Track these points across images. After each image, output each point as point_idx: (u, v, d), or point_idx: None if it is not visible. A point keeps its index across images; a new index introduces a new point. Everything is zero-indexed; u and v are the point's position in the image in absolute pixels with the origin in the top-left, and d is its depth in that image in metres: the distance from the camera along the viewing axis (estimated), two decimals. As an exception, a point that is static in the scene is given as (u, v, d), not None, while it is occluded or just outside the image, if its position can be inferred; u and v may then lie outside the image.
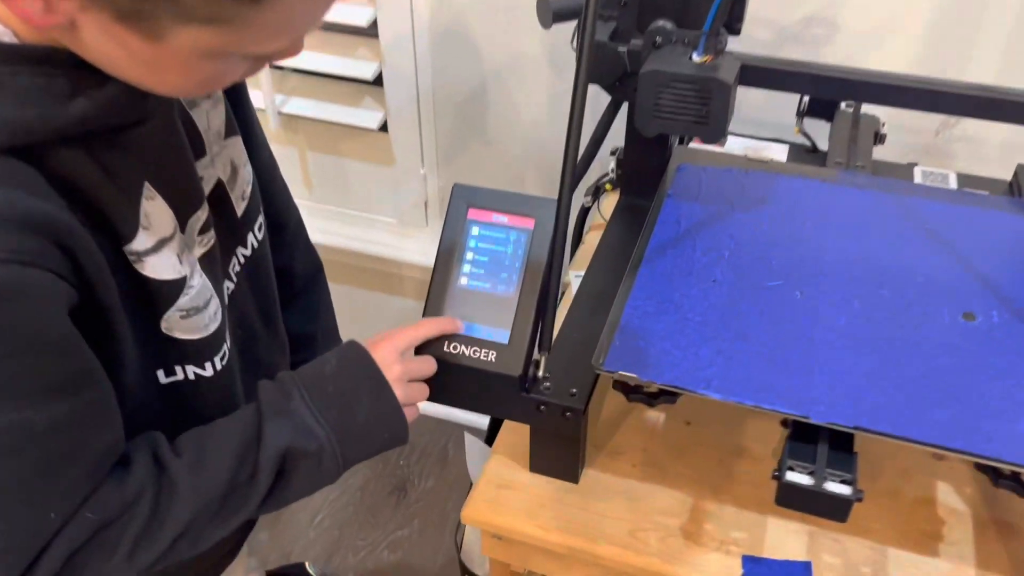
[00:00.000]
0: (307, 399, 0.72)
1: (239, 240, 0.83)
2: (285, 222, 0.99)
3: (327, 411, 0.73)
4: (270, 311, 0.92)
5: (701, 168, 1.02)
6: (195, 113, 0.74)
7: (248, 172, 0.83)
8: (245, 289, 0.86)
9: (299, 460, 0.71)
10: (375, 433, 0.76)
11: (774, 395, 0.75)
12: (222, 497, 0.68)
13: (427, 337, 0.80)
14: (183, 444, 0.70)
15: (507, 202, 0.85)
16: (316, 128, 1.68)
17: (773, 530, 0.85)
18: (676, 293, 0.85)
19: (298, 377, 0.74)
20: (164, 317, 0.71)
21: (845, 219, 0.94)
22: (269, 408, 0.72)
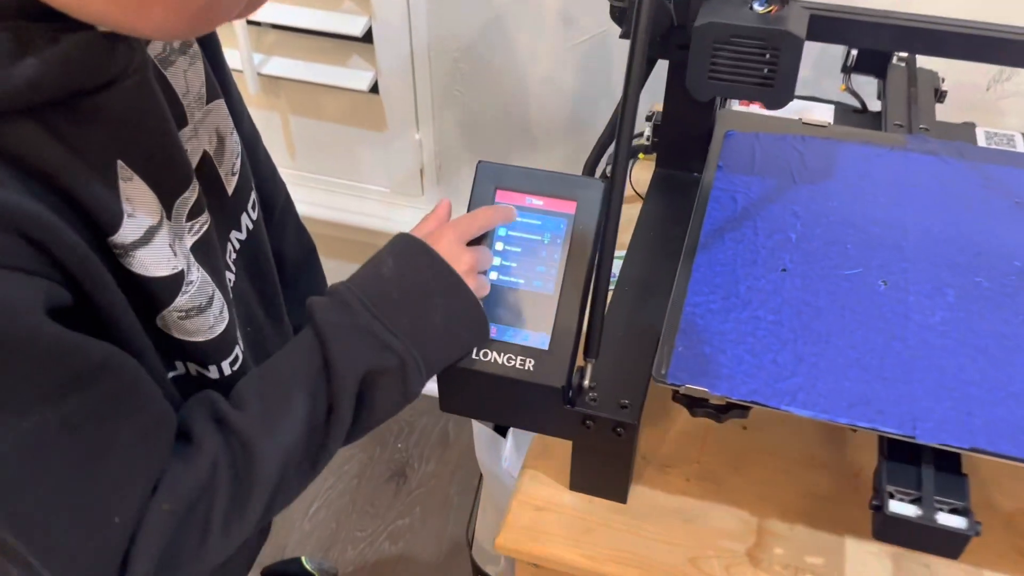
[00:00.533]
0: (372, 309, 0.62)
1: (232, 223, 0.71)
2: (272, 201, 0.86)
3: (398, 319, 0.63)
4: (273, 301, 0.81)
5: (752, 135, 0.89)
6: (170, 74, 0.61)
7: (236, 142, 0.71)
8: (244, 279, 0.74)
9: (379, 380, 0.63)
10: (456, 334, 0.67)
11: (872, 411, 0.64)
12: (304, 442, 0.61)
13: (486, 228, 0.71)
14: (243, 395, 0.61)
15: (542, 182, 0.72)
16: (299, 90, 1.53)
17: (853, 553, 0.75)
18: (741, 286, 0.73)
19: (354, 286, 0.64)
20: (160, 317, 0.60)
21: (922, 192, 0.82)
22: (330, 328, 0.62)
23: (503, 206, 0.72)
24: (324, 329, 0.61)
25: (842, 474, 0.80)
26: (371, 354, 0.62)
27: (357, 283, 0.64)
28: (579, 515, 0.77)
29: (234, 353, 0.66)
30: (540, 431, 0.75)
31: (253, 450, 0.58)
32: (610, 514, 0.77)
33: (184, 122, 0.62)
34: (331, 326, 0.62)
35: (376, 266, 0.65)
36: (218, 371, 0.65)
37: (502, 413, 0.74)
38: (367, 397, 0.63)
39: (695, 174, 0.94)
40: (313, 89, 1.52)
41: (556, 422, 0.72)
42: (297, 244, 0.92)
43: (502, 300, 0.71)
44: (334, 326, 0.62)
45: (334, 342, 0.61)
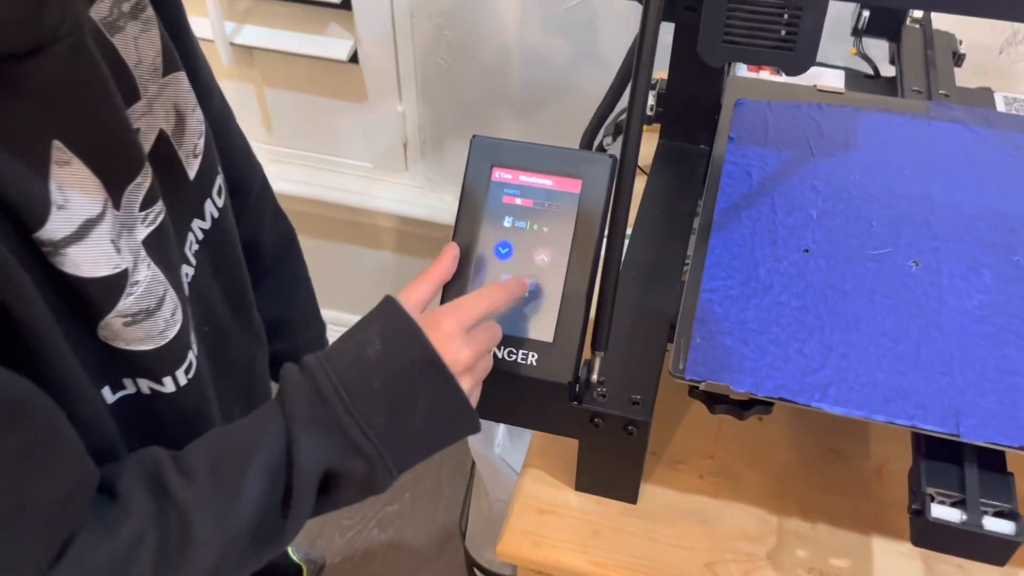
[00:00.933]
0: (348, 403, 0.54)
1: (194, 211, 0.64)
2: (246, 185, 0.79)
3: (374, 416, 0.55)
4: (241, 297, 0.73)
5: (764, 103, 0.83)
6: (119, 41, 0.53)
7: (199, 120, 0.63)
8: (207, 273, 0.67)
9: (342, 480, 0.56)
10: (436, 435, 0.58)
11: (911, 406, 0.58)
12: (254, 528, 0.53)
13: (493, 311, 0.60)
14: (192, 462, 0.53)
15: (544, 159, 0.66)
16: (275, 60, 1.45)
17: (881, 554, 0.69)
18: (761, 268, 0.67)
19: (331, 367, 0.55)
20: (101, 325, 0.52)
21: (949, 163, 0.76)
22: (299, 417, 0.54)
23: (514, 281, 0.63)
24: (292, 417, 0.54)
25: (865, 467, 0.75)
26: (338, 454, 0.54)
27: (335, 362, 0.55)
28: (586, 518, 0.72)
29: (187, 360, 0.59)
30: (544, 430, 0.69)
31: (192, 528, 0.50)
32: (619, 516, 0.72)
33: (135, 96, 0.55)
34: (300, 416, 0.54)
35: (361, 345, 0.56)
36: (173, 383, 0.58)
37: (502, 412, 0.68)
38: (328, 493, 0.56)
39: (702, 146, 0.88)
40: (289, 59, 1.44)
41: (562, 420, 0.67)
42: (275, 231, 0.85)
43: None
44: (304, 417, 0.54)
45: (300, 434, 0.53)
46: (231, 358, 0.72)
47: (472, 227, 0.66)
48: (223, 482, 0.52)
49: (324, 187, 1.58)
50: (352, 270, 1.76)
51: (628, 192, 0.59)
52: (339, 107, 1.49)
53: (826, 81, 0.99)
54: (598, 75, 1.32)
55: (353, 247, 1.72)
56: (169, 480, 0.51)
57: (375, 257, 1.72)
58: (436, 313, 0.59)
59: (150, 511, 0.50)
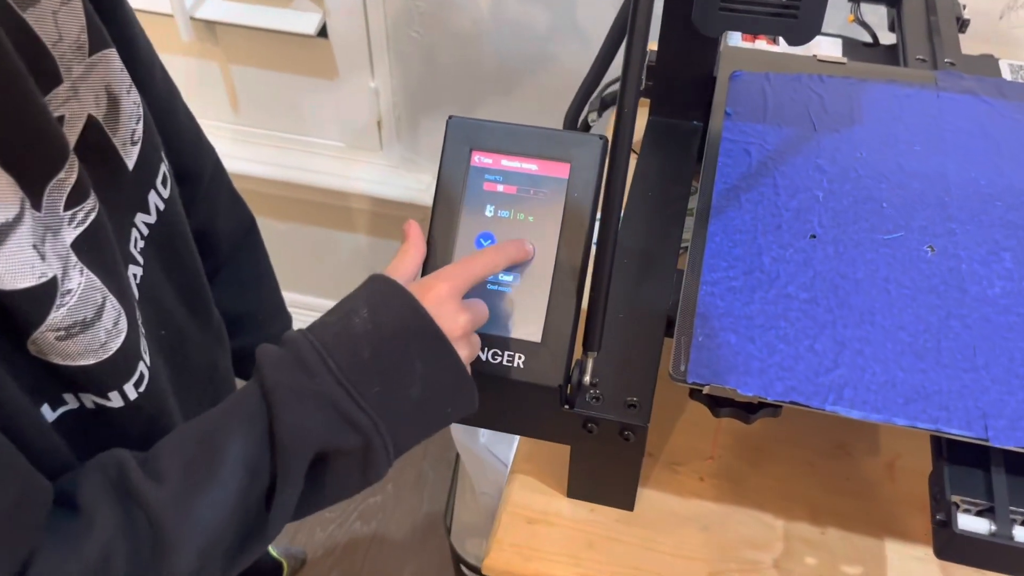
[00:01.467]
0: (336, 372, 0.49)
1: (136, 204, 0.58)
2: (197, 169, 0.73)
3: (368, 387, 0.49)
4: (197, 295, 0.67)
5: (762, 76, 0.77)
6: (32, 16, 0.47)
7: (135, 102, 0.56)
8: (157, 272, 0.61)
9: (335, 462, 0.50)
10: (435, 411, 0.53)
11: (934, 407, 0.53)
12: (235, 525, 0.48)
13: (488, 275, 0.57)
14: (161, 461, 0.48)
15: (528, 141, 0.60)
16: (240, 36, 1.38)
17: (895, 558, 0.65)
18: (765, 257, 0.62)
19: (316, 337, 0.50)
20: (31, 340, 0.46)
21: (962, 137, 0.71)
22: (281, 391, 0.48)
23: (512, 244, 0.57)
24: (274, 392, 0.48)
25: (875, 464, 0.70)
26: (329, 430, 0.48)
27: (321, 334, 0.50)
28: (579, 527, 0.67)
29: (138, 372, 0.53)
30: (533, 436, 0.64)
31: (166, 534, 0.45)
32: (615, 524, 0.67)
33: (56, 80, 0.48)
34: (283, 390, 0.48)
35: (346, 315, 0.51)
36: (121, 397, 0.52)
37: (487, 418, 0.63)
38: (318, 480, 0.50)
39: (695, 122, 0.82)
40: (254, 34, 1.36)
41: (552, 426, 0.61)
42: (232, 219, 0.78)
43: (486, 286, 0.59)
44: (286, 390, 0.48)
45: (284, 411, 0.48)
46: (192, 361, 0.66)
47: (450, 217, 0.60)
48: (197, 479, 0.47)
49: (294, 168, 1.51)
50: (326, 254, 1.69)
51: (622, 177, 0.53)
52: (308, 84, 1.42)
53: (823, 50, 0.93)
54: (580, 45, 1.26)
55: (326, 230, 1.65)
56: (136, 484, 0.46)
57: (350, 240, 1.65)
58: (427, 278, 0.54)
59: (116, 520, 0.45)
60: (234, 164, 1.47)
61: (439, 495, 1.59)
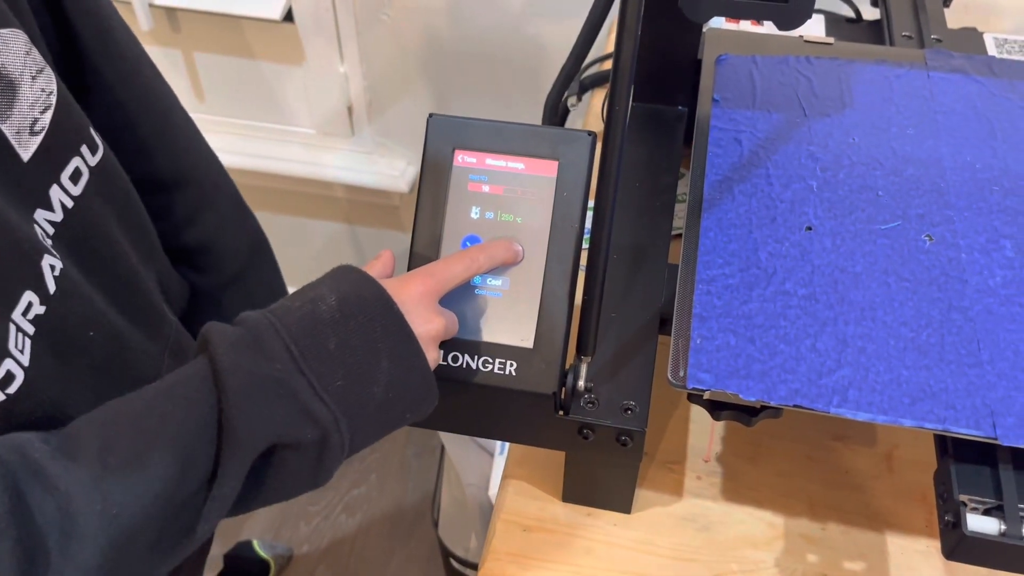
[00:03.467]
0: (301, 360, 0.46)
1: (36, 200, 0.51)
2: (195, 176, 0.69)
3: (331, 379, 0.46)
4: (134, 302, 0.60)
5: (749, 59, 0.75)
6: None
7: (43, 89, 0.51)
8: (74, 272, 0.54)
9: (287, 457, 0.47)
10: (395, 412, 0.50)
11: (941, 406, 0.52)
12: (157, 522, 0.43)
13: (474, 275, 0.55)
14: (78, 438, 0.43)
15: (513, 139, 0.57)
16: (202, 22, 1.33)
17: (897, 553, 0.64)
18: (761, 252, 0.60)
19: (278, 320, 0.47)
20: None
21: (956, 119, 0.69)
22: (237, 375, 0.44)
23: (498, 244, 0.55)
24: (229, 375, 0.44)
25: (874, 455, 0.69)
26: (287, 422, 0.45)
27: (284, 317, 0.47)
28: (576, 533, 0.65)
29: (3, 368, 0.47)
30: (527, 443, 0.62)
31: (73, 520, 0.41)
32: (613, 528, 0.65)
33: None
34: (241, 373, 0.44)
35: (312, 302, 0.48)
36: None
37: (479, 425, 0.61)
38: (264, 475, 0.47)
39: (680, 108, 0.80)
40: (218, 20, 1.32)
41: (547, 433, 0.59)
42: (240, 233, 0.74)
43: (474, 292, 0.57)
44: (245, 374, 0.44)
45: (240, 396, 0.44)
46: (135, 372, 0.59)
47: (434, 220, 0.58)
48: (119, 463, 0.42)
49: (264, 157, 1.47)
50: (300, 244, 1.66)
51: (615, 174, 0.51)
52: (276, 71, 1.38)
53: (806, 29, 0.91)
54: (556, 25, 1.23)
55: (299, 219, 1.62)
56: (42, 464, 0.41)
57: (325, 229, 1.62)
58: (404, 275, 0.52)
59: (3, 506, 0.40)
60: (202, 155, 1.43)
61: (424, 484, 1.58)
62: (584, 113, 0.99)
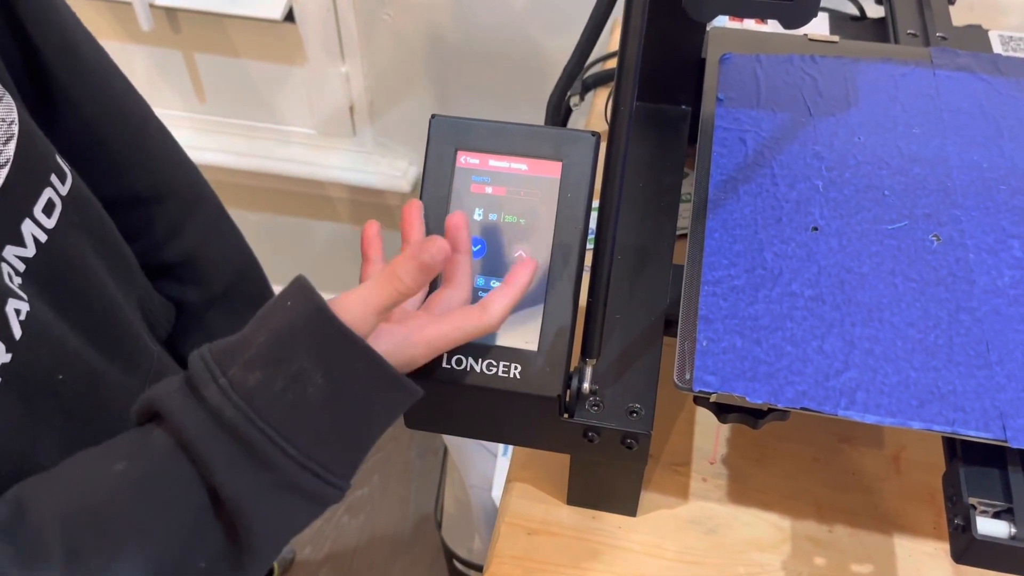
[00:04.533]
0: (298, 456, 0.43)
1: (3, 236, 0.49)
2: (175, 189, 0.67)
3: (329, 458, 0.44)
4: (111, 334, 0.58)
5: (753, 58, 0.74)
6: None
7: (4, 116, 0.49)
8: (46, 311, 0.51)
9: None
10: (375, 424, 0.47)
11: (950, 408, 0.51)
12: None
13: (403, 297, 0.47)
14: (43, 539, 0.40)
15: (516, 139, 0.57)
16: (203, 23, 1.33)
17: (904, 555, 0.64)
18: (767, 253, 0.60)
19: (258, 415, 0.42)
20: None
21: (962, 118, 0.69)
22: (248, 496, 0.42)
23: (416, 253, 0.46)
24: (238, 501, 0.42)
25: (881, 456, 0.69)
26: (305, 517, 0.45)
27: (265, 409, 0.42)
28: (581, 536, 0.65)
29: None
30: (531, 446, 0.61)
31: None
32: (618, 531, 0.65)
33: None
34: (248, 495, 0.42)
35: (295, 380, 0.43)
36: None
37: (483, 429, 0.60)
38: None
39: (683, 107, 0.79)
40: (218, 21, 1.31)
41: (551, 436, 0.59)
42: (228, 249, 0.72)
43: (476, 294, 0.56)
44: (251, 494, 0.42)
45: (257, 520, 0.42)
46: (109, 409, 0.56)
47: (437, 222, 0.57)
48: (86, 571, 0.40)
49: (266, 158, 1.47)
50: (302, 244, 1.65)
51: (620, 174, 0.51)
52: (277, 71, 1.38)
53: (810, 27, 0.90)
54: (558, 25, 1.22)
55: (301, 220, 1.61)
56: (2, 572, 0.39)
57: (327, 229, 1.61)
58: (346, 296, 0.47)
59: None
60: (203, 155, 1.43)
61: (427, 485, 1.57)
62: (587, 113, 0.98)
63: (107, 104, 0.60)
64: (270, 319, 0.44)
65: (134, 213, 0.65)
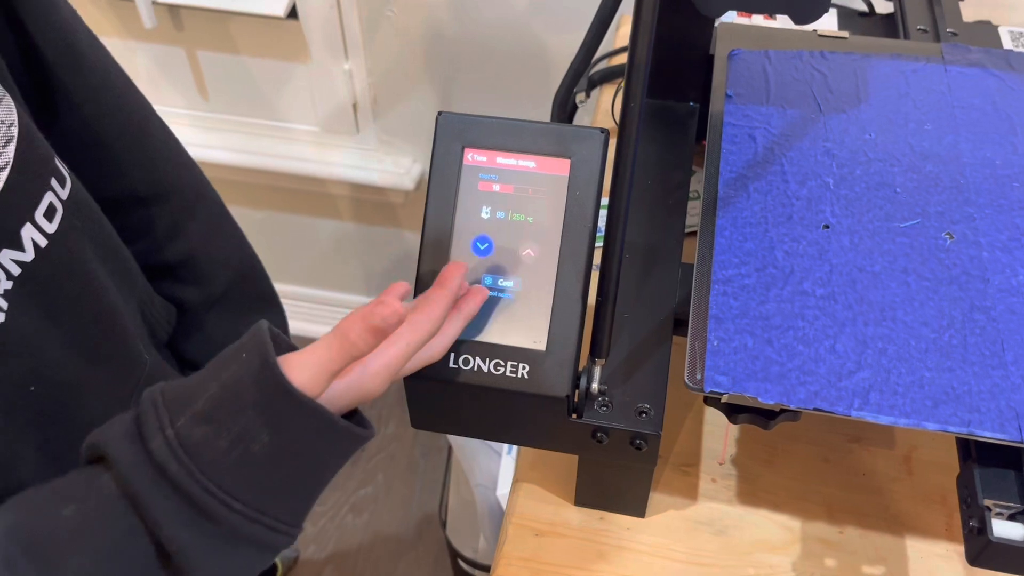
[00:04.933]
0: (246, 511, 0.42)
1: (2, 240, 0.48)
2: (177, 186, 0.66)
3: (277, 508, 0.44)
4: (104, 335, 0.56)
5: (762, 54, 0.74)
6: None
7: (3, 118, 0.48)
8: (34, 319, 0.51)
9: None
10: (325, 473, 0.46)
11: (965, 409, 0.50)
12: None
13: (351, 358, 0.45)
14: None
15: (523, 136, 0.56)
16: (206, 20, 1.32)
17: (916, 557, 0.63)
18: (778, 251, 0.59)
19: (208, 476, 0.42)
20: None
21: (974, 115, 0.68)
22: (196, 551, 0.42)
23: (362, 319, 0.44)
24: (184, 555, 0.42)
25: (892, 457, 0.68)
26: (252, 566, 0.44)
27: (213, 469, 0.42)
28: (589, 537, 0.64)
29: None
30: (539, 447, 0.60)
31: None
32: (626, 533, 0.64)
33: None
34: (195, 550, 0.42)
35: (238, 439, 0.42)
36: None
37: (490, 430, 0.60)
38: None
39: (691, 104, 0.78)
40: (221, 18, 1.31)
41: (560, 437, 0.58)
42: (230, 248, 0.71)
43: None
44: (199, 549, 0.42)
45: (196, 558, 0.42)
46: (92, 419, 0.53)
47: (444, 220, 0.57)
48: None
49: (269, 155, 1.46)
50: (306, 243, 1.65)
51: (630, 171, 0.50)
52: (280, 68, 1.37)
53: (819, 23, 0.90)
54: (563, 21, 1.22)
55: (305, 218, 1.60)
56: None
57: (331, 227, 1.61)
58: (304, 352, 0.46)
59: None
60: (206, 153, 1.42)
61: (432, 484, 1.57)
62: (593, 110, 0.97)
63: (108, 103, 0.59)
64: (224, 369, 0.43)
65: (135, 213, 0.64)
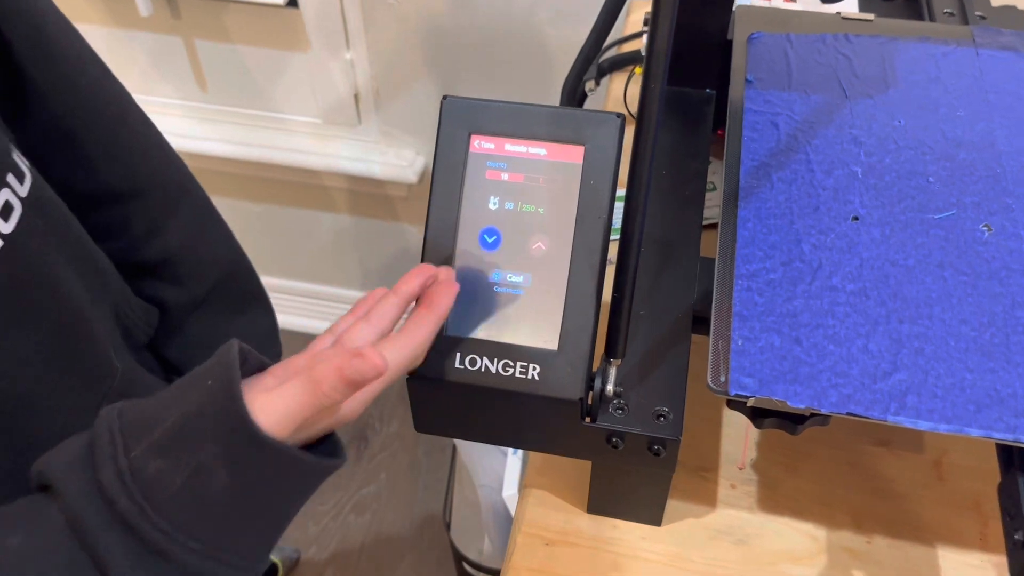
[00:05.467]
0: (169, 528, 0.39)
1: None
2: (158, 181, 0.62)
3: (203, 531, 0.40)
4: (70, 342, 0.53)
5: (783, 37, 0.70)
6: None
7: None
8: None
9: None
10: (289, 507, 0.43)
11: (1010, 413, 0.47)
12: None
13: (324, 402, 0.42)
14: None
15: (534, 121, 0.53)
16: (203, 8, 1.28)
17: (949, 568, 0.59)
18: (805, 244, 0.55)
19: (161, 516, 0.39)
20: None
21: (1008, 100, 0.64)
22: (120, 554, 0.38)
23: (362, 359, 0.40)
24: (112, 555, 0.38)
25: (921, 462, 0.65)
26: None
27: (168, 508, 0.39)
28: (602, 547, 0.61)
29: None
30: (551, 452, 0.57)
31: None
32: (641, 542, 0.61)
33: None
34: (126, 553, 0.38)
35: (195, 473, 0.39)
36: None
37: (498, 434, 0.56)
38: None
39: (708, 90, 0.75)
40: (219, 6, 1.27)
41: (573, 442, 0.55)
42: (218, 247, 0.68)
43: (492, 291, 0.52)
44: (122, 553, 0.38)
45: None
46: (55, 430, 0.51)
47: (449, 211, 0.53)
48: None
49: (269, 147, 1.43)
50: (306, 236, 1.61)
51: (649, 160, 0.46)
52: (280, 58, 1.34)
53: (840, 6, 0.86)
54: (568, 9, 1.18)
55: (305, 211, 1.57)
56: None
57: (331, 220, 1.57)
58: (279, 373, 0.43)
59: None
60: (204, 144, 1.39)
61: (435, 483, 1.54)
62: (602, 98, 0.94)
63: (81, 94, 0.55)
64: (186, 395, 0.40)
65: (111, 210, 0.60)
